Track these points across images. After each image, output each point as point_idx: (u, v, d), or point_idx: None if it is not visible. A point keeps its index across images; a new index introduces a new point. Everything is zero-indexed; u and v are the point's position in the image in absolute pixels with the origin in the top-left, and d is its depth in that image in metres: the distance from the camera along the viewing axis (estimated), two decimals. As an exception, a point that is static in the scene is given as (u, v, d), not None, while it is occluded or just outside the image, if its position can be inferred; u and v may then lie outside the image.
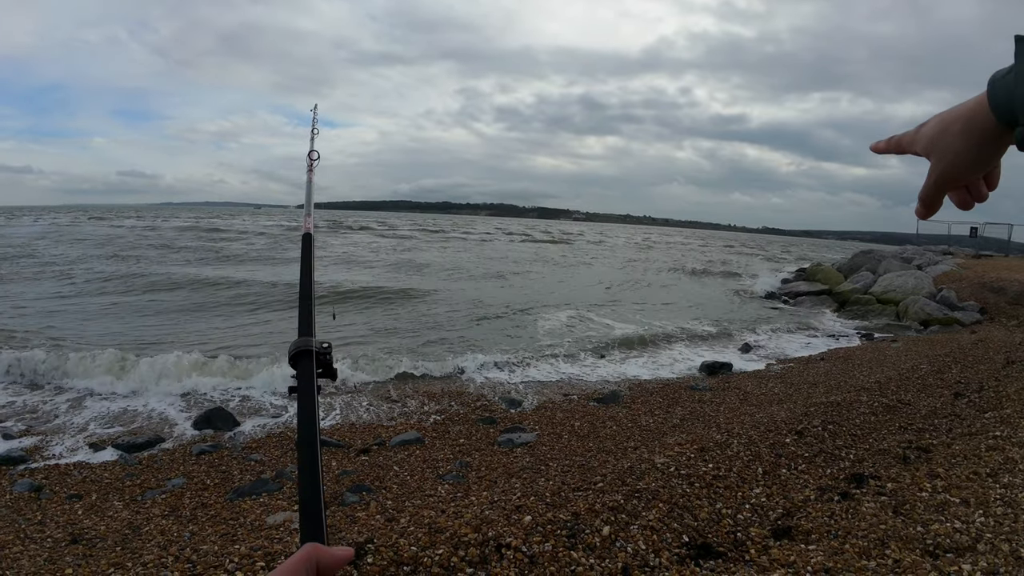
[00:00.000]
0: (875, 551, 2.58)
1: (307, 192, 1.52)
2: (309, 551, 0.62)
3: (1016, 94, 0.61)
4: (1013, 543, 2.53)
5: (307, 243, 1.24)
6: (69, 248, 25.80)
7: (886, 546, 2.62)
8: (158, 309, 12.71)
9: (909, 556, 2.51)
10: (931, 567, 2.40)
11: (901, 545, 2.63)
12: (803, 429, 4.53)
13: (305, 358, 0.94)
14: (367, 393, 7.18)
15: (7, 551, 3.29)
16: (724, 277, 25.81)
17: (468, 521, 3.03)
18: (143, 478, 4.85)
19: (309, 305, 1.06)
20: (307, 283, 1.11)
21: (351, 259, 26.65)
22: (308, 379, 0.91)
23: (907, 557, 2.50)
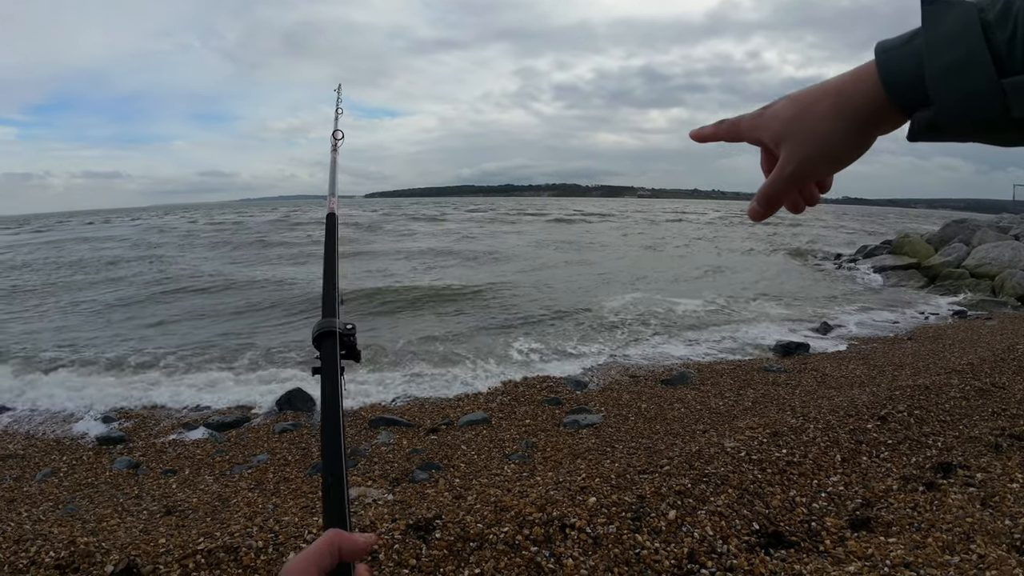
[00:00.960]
0: (959, 545, 2.44)
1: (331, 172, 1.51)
2: (332, 537, 0.61)
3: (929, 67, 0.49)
4: None
5: (331, 223, 1.24)
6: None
7: (971, 540, 2.46)
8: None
9: (995, 551, 2.36)
10: (1016, 563, 2.25)
11: (987, 540, 2.47)
12: (887, 414, 4.30)
13: (329, 339, 0.94)
14: (435, 374, 7.36)
15: (105, 524, 3.61)
16: (800, 252, 24.64)
17: (533, 500, 3.07)
18: (231, 454, 5.19)
19: (333, 286, 1.04)
20: (331, 264, 1.10)
21: (416, 247, 27.22)
22: (331, 361, 0.91)
23: (992, 552, 2.35)
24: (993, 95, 0.46)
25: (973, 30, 0.47)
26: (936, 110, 0.50)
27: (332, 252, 1.13)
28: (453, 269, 18.14)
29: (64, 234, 39.54)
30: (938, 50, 0.49)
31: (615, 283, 15.10)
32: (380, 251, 23.51)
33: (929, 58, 0.49)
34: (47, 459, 5.19)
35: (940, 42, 0.49)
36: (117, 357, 8.39)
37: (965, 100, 0.47)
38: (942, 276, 15.47)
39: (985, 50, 0.46)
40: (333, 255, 1.13)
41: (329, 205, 1.31)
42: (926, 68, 0.49)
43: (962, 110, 0.48)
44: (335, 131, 1.65)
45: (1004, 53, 0.46)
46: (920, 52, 0.50)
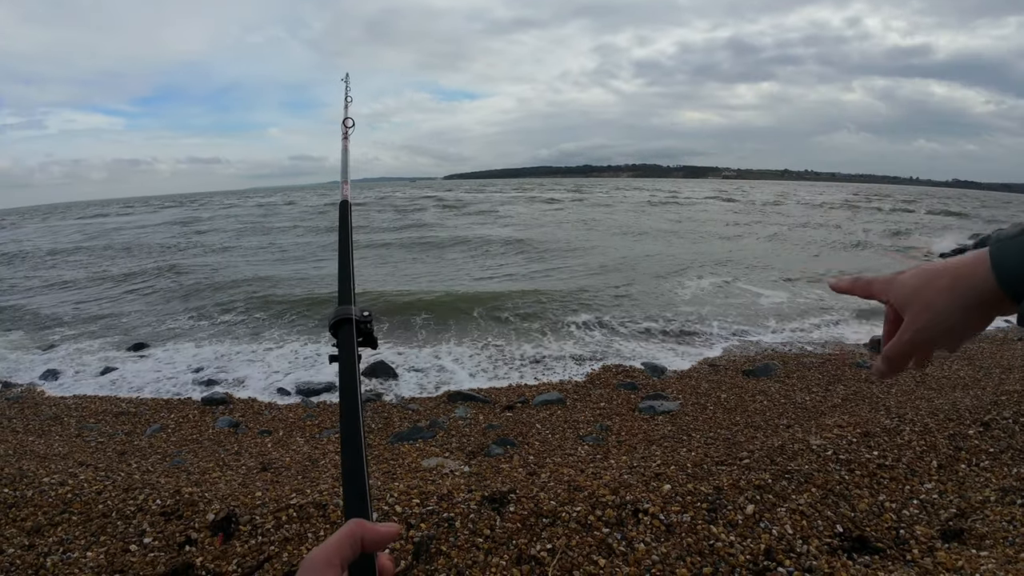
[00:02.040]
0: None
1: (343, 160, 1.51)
2: (353, 528, 0.60)
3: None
4: None
5: (344, 211, 1.23)
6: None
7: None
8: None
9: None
10: None
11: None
12: (990, 420, 4.00)
13: (346, 326, 0.94)
14: (512, 352, 7.48)
15: (208, 476, 3.94)
16: (900, 238, 22.95)
17: (606, 483, 3.10)
18: (320, 419, 5.53)
19: (348, 273, 1.05)
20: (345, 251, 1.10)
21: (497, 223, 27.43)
22: (349, 348, 0.91)
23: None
24: None
25: None
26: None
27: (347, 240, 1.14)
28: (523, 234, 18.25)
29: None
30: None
31: (692, 267, 14.70)
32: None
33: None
34: (156, 416, 5.71)
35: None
36: (226, 326, 9.07)
37: None
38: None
39: None
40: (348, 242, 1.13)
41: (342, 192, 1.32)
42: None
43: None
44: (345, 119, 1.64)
45: None
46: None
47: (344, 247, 1.11)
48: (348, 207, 1.25)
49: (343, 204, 1.26)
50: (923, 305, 0.63)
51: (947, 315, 0.61)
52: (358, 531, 0.59)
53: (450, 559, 2.56)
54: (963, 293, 0.59)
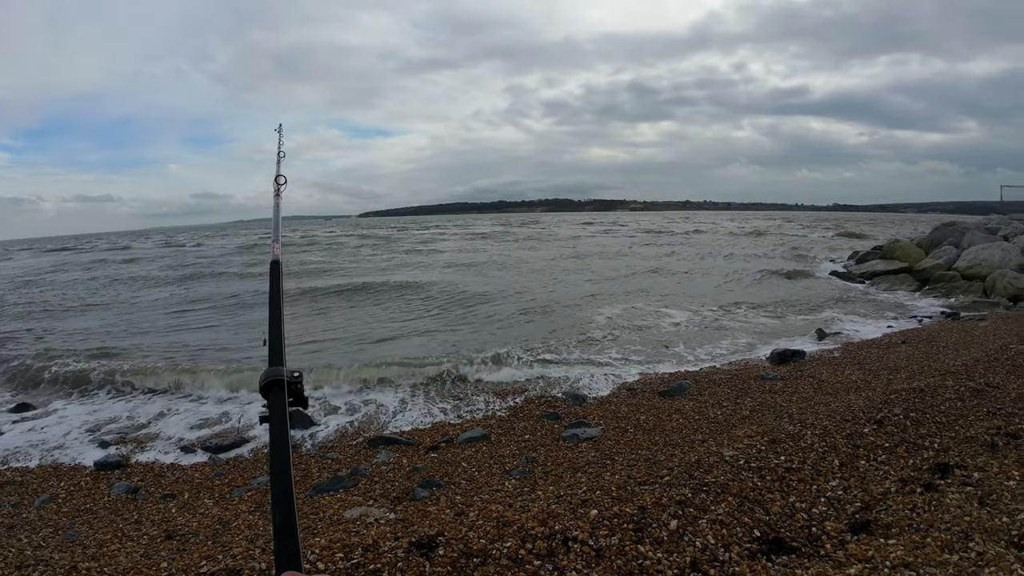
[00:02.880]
0: (958, 544, 2.45)
1: (275, 217, 1.47)
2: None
3: None
4: None
5: (275, 271, 1.22)
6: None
7: (970, 539, 2.48)
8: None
9: (993, 548, 2.38)
10: (1015, 559, 2.27)
11: (986, 537, 2.49)
12: (883, 418, 4.33)
13: (276, 388, 0.96)
14: (434, 393, 7.36)
15: (105, 549, 3.60)
16: (793, 259, 24.77)
17: (535, 515, 3.08)
18: (230, 477, 5.18)
19: (279, 334, 1.05)
20: (276, 311, 1.10)
21: (406, 261, 27.24)
22: (279, 409, 0.93)
23: (991, 549, 2.37)
24: None
25: None
26: None
27: (277, 299, 1.14)
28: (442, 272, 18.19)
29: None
30: None
31: (602, 295, 15.15)
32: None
33: None
34: (45, 485, 5.16)
35: None
36: (110, 375, 8.34)
37: None
38: (934, 279, 15.59)
39: None
40: (278, 302, 1.13)
41: (273, 251, 1.30)
42: None
43: None
44: (277, 176, 1.59)
45: None
46: None
47: (275, 307, 1.10)
48: (279, 267, 1.23)
49: (274, 264, 1.23)
50: None
51: None
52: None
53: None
54: None
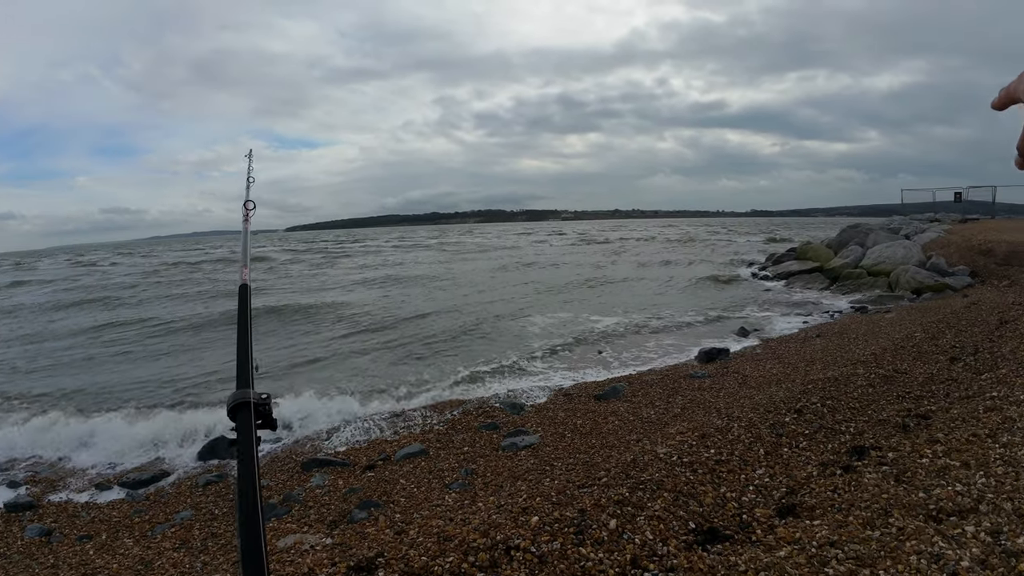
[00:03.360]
0: (879, 521, 2.60)
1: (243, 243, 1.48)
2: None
3: None
4: (1015, 501, 2.52)
5: (243, 295, 1.23)
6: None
7: (889, 515, 2.63)
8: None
9: (912, 523, 2.53)
10: (935, 532, 2.41)
11: (904, 512, 2.64)
12: (802, 407, 4.56)
13: (244, 410, 0.95)
14: (369, 410, 7.18)
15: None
16: (715, 264, 25.88)
17: (476, 527, 3.05)
18: (151, 513, 4.86)
19: (247, 357, 1.06)
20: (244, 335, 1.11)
21: (339, 279, 26.63)
22: (247, 431, 0.92)
23: (910, 524, 2.51)
24: None
25: None
26: None
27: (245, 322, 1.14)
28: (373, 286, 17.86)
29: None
30: None
31: (535, 305, 15.32)
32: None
33: None
34: (-51, 532, 4.68)
35: None
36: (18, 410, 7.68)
37: None
38: (843, 276, 16.64)
39: None
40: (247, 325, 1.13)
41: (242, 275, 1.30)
42: None
43: None
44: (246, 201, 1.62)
45: None
46: None
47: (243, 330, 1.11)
48: (248, 290, 1.24)
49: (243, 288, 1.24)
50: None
51: None
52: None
53: (316, 642, 2.34)
54: None
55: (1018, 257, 13.48)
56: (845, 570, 2.20)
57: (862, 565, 2.22)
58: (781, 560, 2.35)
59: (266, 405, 0.98)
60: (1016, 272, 12.72)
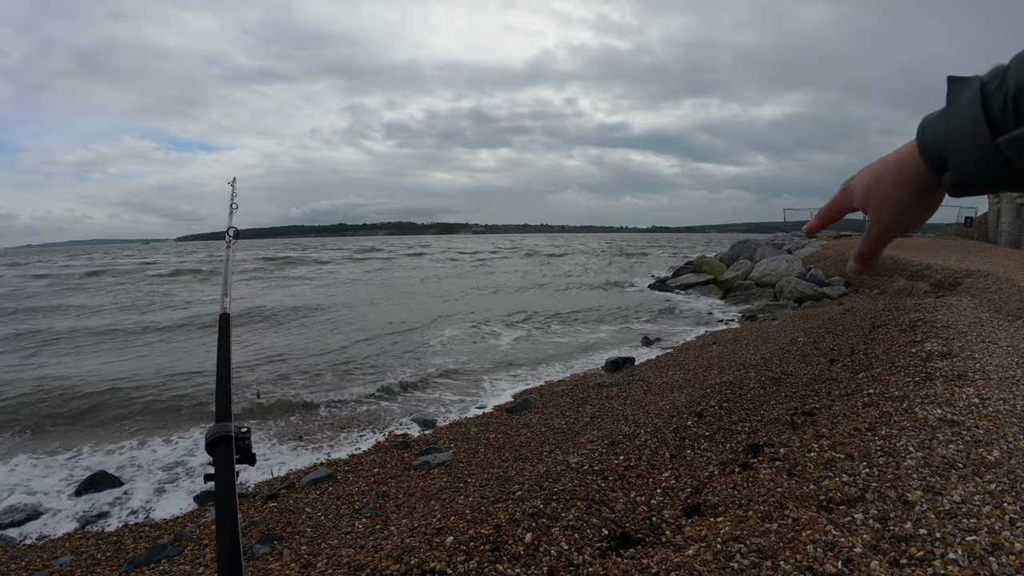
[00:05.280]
0: (776, 513, 2.75)
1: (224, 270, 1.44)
2: None
3: (946, 136, 0.58)
4: (898, 489, 2.71)
5: (224, 324, 1.20)
6: None
7: (785, 507, 2.79)
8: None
9: (806, 513, 2.69)
10: (827, 520, 2.57)
11: (798, 504, 2.81)
12: (702, 410, 4.78)
13: (223, 444, 0.93)
14: (269, 432, 6.79)
15: None
16: (618, 276, 26.87)
17: (389, 553, 2.94)
18: (27, 560, 4.32)
19: (227, 388, 1.03)
20: (224, 366, 1.08)
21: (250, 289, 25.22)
22: (227, 466, 0.90)
23: (804, 514, 2.67)
24: (994, 154, 0.53)
25: (975, 101, 0.55)
26: (953, 172, 0.58)
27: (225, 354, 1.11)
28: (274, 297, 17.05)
29: None
30: (953, 121, 0.57)
31: (442, 318, 15.22)
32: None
33: (947, 128, 0.57)
34: None
35: (954, 113, 0.57)
36: None
37: (974, 161, 0.56)
38: (735, 288, 17.78)
39: (982, 117, 0.54)
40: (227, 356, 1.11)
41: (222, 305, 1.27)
42: (945, 137, 0.58)
43: (973, 169, 0.56)
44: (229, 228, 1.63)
45: (999, 117, 0.53)
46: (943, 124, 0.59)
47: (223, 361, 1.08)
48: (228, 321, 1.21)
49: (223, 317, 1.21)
50: (880, 203, 0.67)
51: (904, 205, 0.65)
52: None
53: None
54: (908, 181, 0.63)
55: (886, 268, 14.97)
56: (749, 563, 2.30)
57: (764, 557, 2.33)
58: (690, 559, 2.42)
59: (246, 439, 0.96)
60: (884, 281, 14.12)
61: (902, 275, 14.16)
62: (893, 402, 4.20)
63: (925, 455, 3.04)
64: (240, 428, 0.96)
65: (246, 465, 0.97)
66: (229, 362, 1.09)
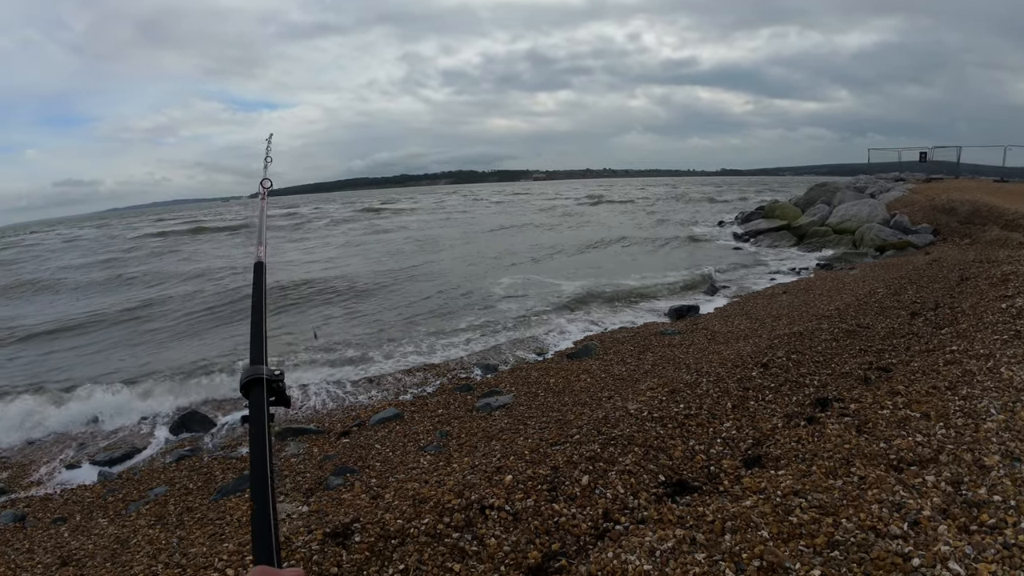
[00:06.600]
0: (841, 470, 2.69)
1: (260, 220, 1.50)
2: (258, 573, 0.67)
3: None
4: (975, 452, 2.58)
5: (259, 272, 1.25)
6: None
7: (851, 464, 2.72)
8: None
9: (874, 472, 2.61)
10: (895, 481, 2.48)
11: (866, 462, 2.73)
12: (768, 361, 4.67)
13: (256, 387, 0.95)
14: (342, 377, 7.15)
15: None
16: (684, 222, 26.10)
17: (451, 488, 3.07)
18: (125, 491, 4.79)
19: (261, 333, 1.06)
20: (259, 311, 1.12)
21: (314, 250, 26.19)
22: (259, 408, 0.92)
23: (872, 473, 2.59)
24: None
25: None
26: None
27: (260, 299, 1.15)
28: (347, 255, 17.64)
29: None
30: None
31: (503, 268, 15.30)
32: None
33: None
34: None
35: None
36: None
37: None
38: (809, 235, 16.94)
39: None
40: (261, 302, 1.14)
41: (257, 253, 1.31)
42: None
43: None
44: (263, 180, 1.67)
45: None
46: None
47: (257, 307, 1.12)
48: (263, 268, 1.26)
49: (258, 265, 1.26)
50: None
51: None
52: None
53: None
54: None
55: (980, 216, 13.83)
56: (809, 518, 2.27)
57: (825, 513, 2.29)
58: (747, 510, 2.41)
59: (279, 381, 0.98)
60: (977, 230, 13.06)
61: (996, 224, 13.03)
62: (977, 360, 3.95)
63: (1007, 418, 2.86)
64: (273, 371, 0.98)
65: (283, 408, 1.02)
66: (263, 307, 1.13)
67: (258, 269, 1.25)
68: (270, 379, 0.97)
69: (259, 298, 1.16)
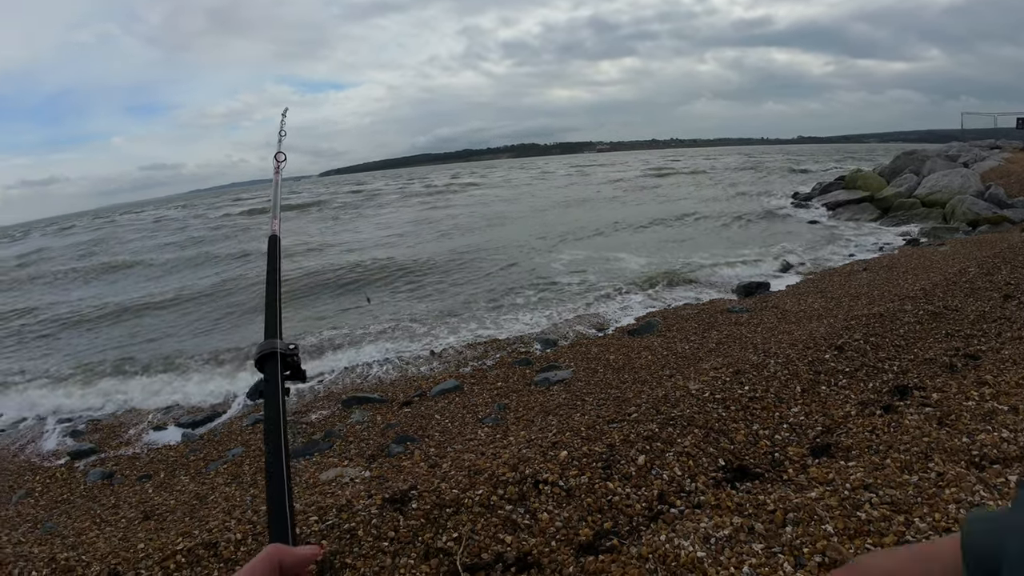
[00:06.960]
0: (917, 465, 2.51)
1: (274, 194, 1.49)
2: (271, 551, 0.64)
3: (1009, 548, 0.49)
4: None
5: (273, 245, 1.23)
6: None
7: (929, 459, 2.54)
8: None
9: (953, 468, 2.42)
10: (976, 479, 2.30)
11: (945, 457, 2.54)
12: (843, 344, 4.42)
13: (271, 360, 0.95)
14: (405, 349, 7.33)
15: (84, 537, 3.56)
16: (757, 194, 24.98)
17: (506, 461, 3.10)
18: (205, 452, 5.13)
19: (276, 307, 1.06)
20: (273, 285, 1.11)
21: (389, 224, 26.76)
22: (274, 382, 0.92)
23: (951, 470, 2.41)
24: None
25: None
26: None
27: (274, 274, 1.14)
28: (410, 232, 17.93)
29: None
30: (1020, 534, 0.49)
31: (566, 241, 15.13)
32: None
33: (1011, 539, 0.49)
34: (20, 481, 5.07)
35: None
36: (78, 366, 8.14)
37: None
38: (895, 207, 15.86)
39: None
40: (275, 276, 1.14)
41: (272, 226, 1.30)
42: (1007, 548, 0.49)
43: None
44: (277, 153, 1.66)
45: None
46: (1001, 530, 0.51)
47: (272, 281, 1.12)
48: (277, 242, 1.25)
49: (272, 239, 1.25)
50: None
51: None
52: (276, 555, 0.64)
53: (356, 571, 2.45)
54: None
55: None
56: (878, 515, 2.14)
57: (897, 511, 2.15)
58: (812, 501, 2.30)
59: (294, 355, 0.97)
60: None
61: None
62: (1078, 349, 3.62)
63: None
64: (288, 345, 0.97)
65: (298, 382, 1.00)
66: (278, 281, 1.13)
67: (272, 243, 1.24)
68: (285, 353, 0.96)
69: (273, 271, 1.15)
